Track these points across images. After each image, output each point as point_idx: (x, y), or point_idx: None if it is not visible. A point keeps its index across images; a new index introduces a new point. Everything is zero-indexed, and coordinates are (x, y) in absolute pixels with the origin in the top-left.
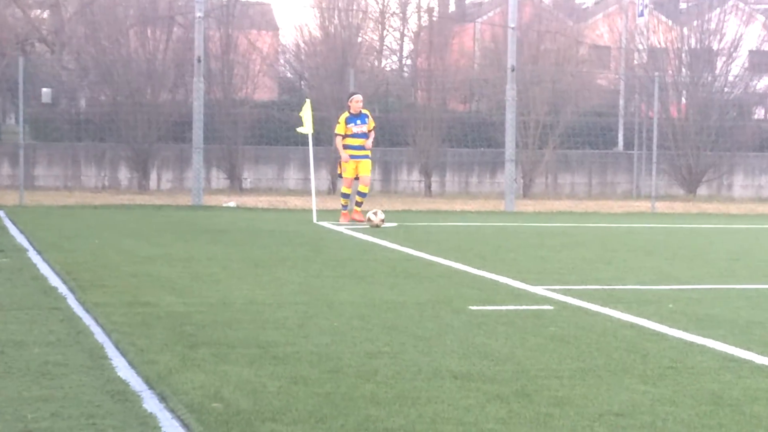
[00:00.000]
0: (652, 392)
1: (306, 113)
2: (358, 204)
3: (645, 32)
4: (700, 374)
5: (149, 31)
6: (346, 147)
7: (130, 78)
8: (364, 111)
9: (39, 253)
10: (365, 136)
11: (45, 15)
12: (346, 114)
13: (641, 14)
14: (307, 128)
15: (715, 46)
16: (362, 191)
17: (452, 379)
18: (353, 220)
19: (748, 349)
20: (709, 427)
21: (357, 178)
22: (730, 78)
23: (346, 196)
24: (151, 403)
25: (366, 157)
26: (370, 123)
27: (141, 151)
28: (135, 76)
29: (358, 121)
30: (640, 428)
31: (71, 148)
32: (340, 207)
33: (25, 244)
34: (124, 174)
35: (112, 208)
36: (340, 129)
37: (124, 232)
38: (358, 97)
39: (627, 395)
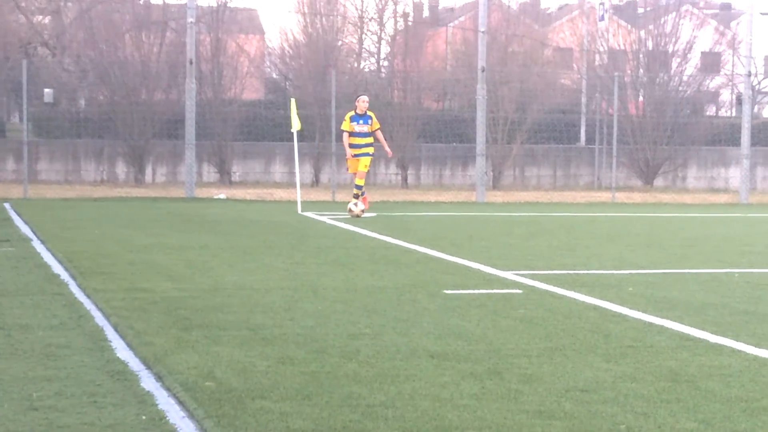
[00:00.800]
0: (615, 369)
1: (291, 112)
2: (355, 195)
3: (605, 35)
4: (659, 353)
5: (144, 36)
6: (349, 145)
7: (126, 79)
8: (369, 112)
9: (42, 242)
10: (367, 135)
11: (46, 21)
12: (351, 113)
13: (602, 18)
14: (295, 126)
15: (670, 49)
16: (360, 184)
17: (429, 359)
18: (356, 213)
19: (703, 329)
20: (667, 402)
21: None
22: (684, 78)
23: (359, 187)
24: (148, 382)
25: (366, 154)
26: (375, 124)
27: (137, 147)
28: (131, 78)
29: (361, 121)
30: (604, 403)
31: (72, 145)
32: (325, 199)
33: (30, 234)
34: (121, 168)
35: (111, 201)
36: (345, 126)
37: (122, 223)
38: (365, 98)
39: (591, 372)
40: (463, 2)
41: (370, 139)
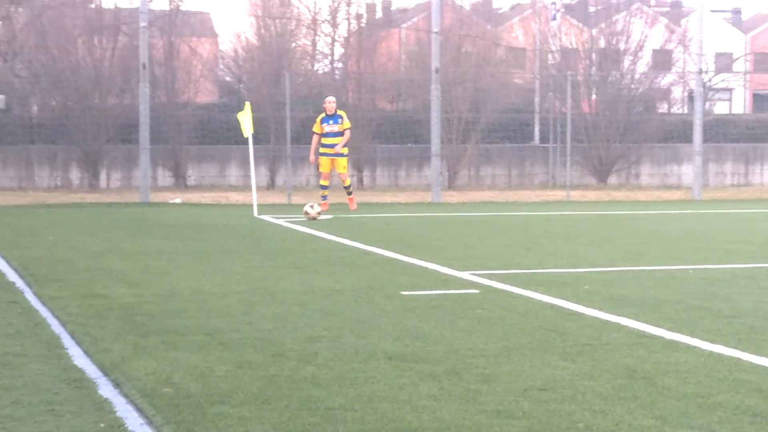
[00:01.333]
0: (572, 368)
1: (246, 115)
2: (349, 193)
3: (557, 34)
4: (615, 350)
5: (96, 40)
6: (321, 145)
7: (79, 84)
8: (340, 112)
9: None
10: (338, 135)
11: None
12: (322, 114)
13: (554, 18)
14: (246, 130)
15: (622, 47)
16: (345, 185)
17: (387, 360)
18: (351, 208)
19: (658, 325)
20: (624, 399)
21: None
22: (636, 75)
23: (324, 187)
24: (106, 389)
25: (339, 155)
26: (345, 123)
27: (91, 152)
28: (84, 82)
29: (331, 121)
30: (562, 401)
31: (25, 151)
32: (281, 201)
33: None
34: (75, 174)
35: (65, 207)
36: (316, 128)
37: (77, 229)
38: (330, 99)
39: (549, 371)
40: (416, 3)
41: (341, 139)
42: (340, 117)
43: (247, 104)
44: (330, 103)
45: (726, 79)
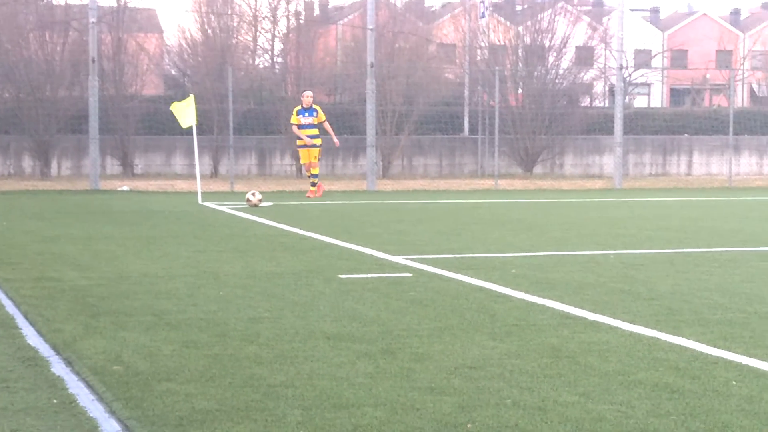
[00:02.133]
0: (500, 347)
1: (189, 106)
2: (312, 184)
3: (486, 31)
4: (541, 330)
5: (47, 35)
6: (298, 138)
7: (30, 77)
8: (315, 105)
9: None
10: (313, 126)
11: None
12: (298, 107)
13: (483, 15)
14: (189, 120)
15: (546, 43)
16: (314, 173)
17: (325, 340)
18: (315, 195)
19: (582, 307)
20: (550, 377)
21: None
22: (561, 71)
23: (314, 176)
24: (58, 367)
25: (314, 146)
26: (321, 116)
27: (42, 142)
28: (35, 76)
29: (307, 114)
30: (491, 379)
31: None
32: (224, 189)
33: None
34: (27, 163)
35: (17, 194)
36: (293, 119)
37: (29, 215)
38: (307, 93)
39: (478, 350)
40: (352, 1)
41: (316, 131)
42: (315, 110)
43: (191, 96)
44: (307, 97)
45: (645, 74)
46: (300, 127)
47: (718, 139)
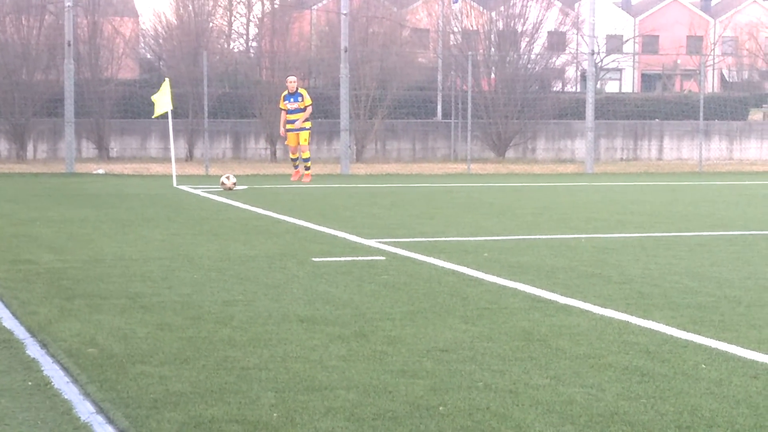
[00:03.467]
0: (472, 330)
1: (164, 92)
2: (306, 168)
3: (459, 17)
4: (513, 314)
5: (24, 19)
6: (286, 122)
7: (7, 60)
8: (301, 90)
9: None
10: (299, 111)
11: None
12: (285, 92)
13: (456, 1)
14: (165, 107)
15: (519, 29)
16: (304, 157)
17: (299, 323)
18: (303, 180)
19: (553, 291)
20: (521, 360)
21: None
22: (533, 56)
23: (293, 159)
24: (33, 349)
25: (302, 129)
26: (306, 100)
27: (18, 125)
28: (11, 59)
29: (292, 99)
30: (463, 362)
31: None
32: (198, 173)
33: None
34: (3, 146)
35: None
36: (281, 105)
37: (5, 198)
38: (291, 78)
39: (450, 333)
40: None
41: (302, 115)
42: (300, 95)
43: (166, 81)
44: (291, 82)
45: (616, 59)
46: (288, 112)
47: (688, 124)
